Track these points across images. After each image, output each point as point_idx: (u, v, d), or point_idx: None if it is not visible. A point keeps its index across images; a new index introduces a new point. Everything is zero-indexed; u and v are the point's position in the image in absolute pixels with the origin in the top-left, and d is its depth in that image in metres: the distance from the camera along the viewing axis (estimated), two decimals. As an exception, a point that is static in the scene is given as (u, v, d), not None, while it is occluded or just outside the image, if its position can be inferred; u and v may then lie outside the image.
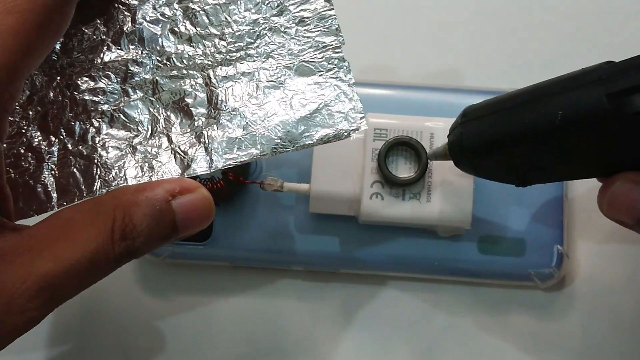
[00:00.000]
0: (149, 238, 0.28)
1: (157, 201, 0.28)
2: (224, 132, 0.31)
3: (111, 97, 0.32)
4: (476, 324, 0.38)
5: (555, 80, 0.29)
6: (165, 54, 0.32)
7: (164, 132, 0.31)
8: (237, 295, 0.38)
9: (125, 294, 0.39)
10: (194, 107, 0.31)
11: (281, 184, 0.37)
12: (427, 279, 0.38)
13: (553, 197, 0.38)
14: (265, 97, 0.31)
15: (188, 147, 0.31)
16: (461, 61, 0.42)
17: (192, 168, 0.30)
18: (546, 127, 0.28)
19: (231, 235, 0.38)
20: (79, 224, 0.28)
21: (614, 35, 0.42)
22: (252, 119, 0.31)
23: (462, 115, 0.31)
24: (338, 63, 0.32)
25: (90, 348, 0.38)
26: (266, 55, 0.32)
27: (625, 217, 0.29)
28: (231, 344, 0.38)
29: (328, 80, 0.31)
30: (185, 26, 0.33)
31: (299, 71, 0.32)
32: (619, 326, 0.38)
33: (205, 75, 0.32)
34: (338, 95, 0.31)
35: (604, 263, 0.38)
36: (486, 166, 0.31)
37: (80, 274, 0.27)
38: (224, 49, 0.32)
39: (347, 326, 0.38)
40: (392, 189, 0.35)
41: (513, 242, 0.37)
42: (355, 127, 0.31)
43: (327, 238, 0.38)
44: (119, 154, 0.31)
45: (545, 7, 0.42)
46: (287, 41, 0.32)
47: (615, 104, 0.26)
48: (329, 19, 0.32)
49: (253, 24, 0.32)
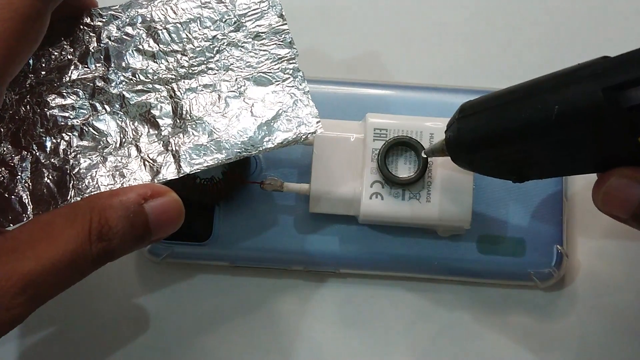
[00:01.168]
0: (124, 239, 0.30)
1: (130, 204, 0.30)
2: (190, 139, 0.33)
3: (80, 112, 0.34)
4: (476, 324, 0.38)
5: (551, 75, 0.29)
6: (131, 70, 0.34)
7: (133, 142, 0.33)
8: (237, 295, 0.39)
9: (126, 294, 0.39)
10: (160, 118, 0.34)
11: (281, 184, 0.37)
12: (427, 279, 0.38)
13: (553, 196, 0.38)
14: (227, 107, 0.33)
15: (156, 155, 0.33)
16: (460, 61, 0.42)
17: (162, 174, 0.32)
18: (542, 122, 0.28)
19: (231, 235, 0.38)
20: (58, 226, 0.29)
21: (614, 35, 0.42)
22: (216, 127, 0.33)
23: (459, 111, 0.31)
24: (293, 73, 0.34)
25: (90, 347, 0.38)
26: (226, 68, 0.34)
27: (620, 212, 0.30)
28: (231, 344, 0.38)
29: (284, 88, 0.34)
30: (149, 43, 0.35)
31: (257, 81, 0.34)
32: (619, 326, 0.38)
33: (169, 88, 0.34)
34: (295, 102, 0.33)
35: (604, 262, 0.38)
36: (483, 161, 0.31)
37: (61, 273, 0.29)
38: (187, 64, 0.34)
39: (347, 326, 0.38)
40: (392, 189, 0.35)
41: (513, 242, 0.37)
42: (313, 130, 0.33)
43: (327, 238, 0.38)
44: (91, 164, 0.33)
45: (545, 7, 0.42)
46: (245, 54, 0.34)
47: (611, 98, 0.26)
48: (282, 33, 0.35)
49: (212, 40, 0.35)
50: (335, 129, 0.37)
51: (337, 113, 0.38)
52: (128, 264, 0.39)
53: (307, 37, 0.42)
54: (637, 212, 0.29)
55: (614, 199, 0.29)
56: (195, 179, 0.38)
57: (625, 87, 0.26)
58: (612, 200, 0.29)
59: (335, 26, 0.42)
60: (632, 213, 0.29)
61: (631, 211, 0.29)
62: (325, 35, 0.42)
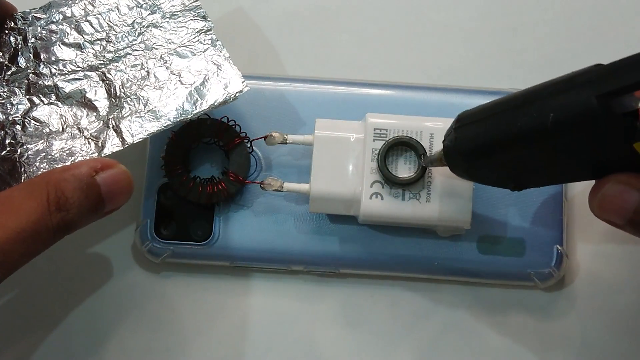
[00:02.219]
0: (80, 210, 0.32)
1: (82, 176, 0.32)
2: (128, 113, 0.36)
3: (19, 107, 0.36)
4: (476, 324, 0.38)
5: (546, 84, 0.29)
6: (61, 62, 0.37)
7: (74, 125, 0.36)
8: (237, 295, 0.38)
9: (125, 294, 0.39)
10: (96, 101, 0.36)
11: (281, 184, 0.37)
12: (427, 279, 0.38)
13: (553, 197, 0.38)
14: (157, 80, 0.37)
15: (99, 133, 0.36)
16: (461, 61, 0.42)
17: (107, 148, 0.35)
18: (538, 130, 0.28)
19: (231, 235, 0.38)
20: (17, 199, 0.31)
21: (614, 35, 0.42)
22: (150, 98, 0.36)
23: (456, 120, 0.32)
24: (212, 43, 0.37)
25: (90, 348, 0.38)
26: (150, 48, 0.37)
27: (616, 218, 0.30)
28: (231, 344, 0.38)
29: (206, 57, 0.37)
30: (74, 36, 0.38)
31: (180, 55, 0.37)
32: (618, 326, 0.38)
33: (100, 73, 0.37)
34: (218, 67, 0.36)
35: (604, 263, 0.38)
36: (481, 170, 0.31)
37: (26, 242, 0.30)
38: (112, 49, 0.37)
39: (347, 326, 0.38)
40: (392, 189, 0.35)
41: (513, 242, 0.37)
42: (239, 89, 0.36)
43: (327, 238, 0.38)
44: (39, 150, 0.35)
45: (545, 7, 0.42)
46: (165, 33, 0.38)
47: (605, 104, 0.27)
48: (196, 9, 0.38)
49: (132, 24, 0.38)
50: (335, 129, 0.37)
51: (337, 113, 0.38)
52: (128, 264, 0.39)
53: (307, 37, 0.42)
54: (633, 218, 0.29)
55: (610, 205, 0.29)
56: (195, 178, 0.38)
57: (619, 94, 0.27)
58: (608, 206, 0.29)
59: (335, 26, 0.42)
60: (628, 219, 0.29)
61: (627, 217, 0.29)
62: (325, 35, 0.42)
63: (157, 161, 0.38)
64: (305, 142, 0.37)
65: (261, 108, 0.39)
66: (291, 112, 0.39)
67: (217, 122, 0.38)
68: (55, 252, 0.38)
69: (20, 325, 0.38)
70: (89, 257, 0.39)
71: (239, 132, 0.38)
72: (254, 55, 0.42)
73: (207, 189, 0.37)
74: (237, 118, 0.38)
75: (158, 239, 0.38)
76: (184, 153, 0.38)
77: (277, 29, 0.42)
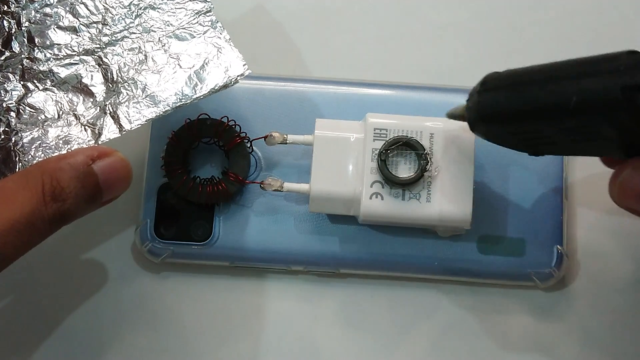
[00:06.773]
0: (77, 199, 0.31)
1: (79, 165, 0.31)
2: (126, 99, 0.35)
3: (14, 93, 0.35)
4: (476, 324, 0.38)
5: (574, 62, 0.29)
6: (56, 46, 0.36)
7: (70, 112, 0.35)
8: (237, 296, 0.38)
9: (125, 294, 0.39)
10: (92, 86, 0.35)
11: (281, 184, 0.37)
12: (427, 279, 0.38)
13: (553, 196, 0.38)
14: (155, 64, 0.35)
15: (96, 120, 0.34)
16: (461, 61, 0.42)
17: (104, 135, 0.34)
18: (560, 109, 0.28)
19: (231, 235, 0.38)
20: (12, 190, 0.30)
21: (615, 35, 0.42)
22: (148, 83, 0.35)
23: (481, 82, 0.32)
24: (212, 24, 0.36)
25: (90, 348, 0.38)
26: (147, 30, 0.36)
27: (636, 205, 0.29)
28: (231, 344, 0.38)
29: (206, 40, 0.36)
30: (69, 19, 0.37)
31: (179, 37, 0.36)
32: (618, 326, 0.38)
33: (96, 57, 0.36)
34: (219, 50, 0.35)
35: (604, 263, 0.38)
36: (499, 135, 0.32)
37: (21, 234, 0.30)
38: (109, 32, 0.36)
39: (347, 326, 0.38)
40: (392, 189, 0.35)
41: (513, 242, 0.37)
42: (241, 72, 0.35)
43: (327, 238, 0.38)
44: (34, 137, 0.34)
45: (545, 7, 0.42)
46: (163, 15, 0.36)
47: (629, 97, 0.27)
48: None
49: (129, 6, 0.37)
50: (335, 129, 0.37)
51: (337, 113, 0.38)
52: (128, 264, 0.39)
53: (307, 37, 0.42)
54: None
55: (630, 191, 0.29)
56: (195, 179, 0.38)
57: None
58: (628, 193, 0.29)
59: (335, 26, 0.42)
60: None
61: None
62: (325, 35, 0.42)
63: (157, 161, 0.38)
64: (305, 142, 0.37)
65: (261, 108, 0.39)
66: (291, 112, 0.39)
67: (217, 122, 0.38)
68: (55, 252, 0.38)
69: (20, 325, 0.38)
70: (89, 257, 0.39)
71: (239, 132, 0.38)
72: (254, 55, 0.42)
73: (207, 189, 0.37)
74: (237, 118, 0.38)
75: (158, 239, 0.38)
76: (184, 153, 0.38)
77: (277, 28, 0.42)
